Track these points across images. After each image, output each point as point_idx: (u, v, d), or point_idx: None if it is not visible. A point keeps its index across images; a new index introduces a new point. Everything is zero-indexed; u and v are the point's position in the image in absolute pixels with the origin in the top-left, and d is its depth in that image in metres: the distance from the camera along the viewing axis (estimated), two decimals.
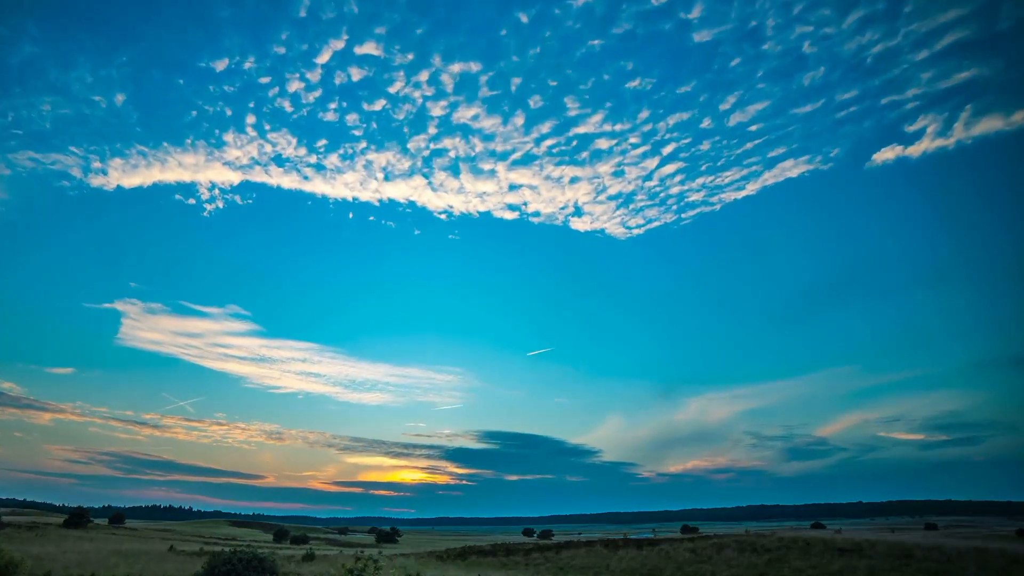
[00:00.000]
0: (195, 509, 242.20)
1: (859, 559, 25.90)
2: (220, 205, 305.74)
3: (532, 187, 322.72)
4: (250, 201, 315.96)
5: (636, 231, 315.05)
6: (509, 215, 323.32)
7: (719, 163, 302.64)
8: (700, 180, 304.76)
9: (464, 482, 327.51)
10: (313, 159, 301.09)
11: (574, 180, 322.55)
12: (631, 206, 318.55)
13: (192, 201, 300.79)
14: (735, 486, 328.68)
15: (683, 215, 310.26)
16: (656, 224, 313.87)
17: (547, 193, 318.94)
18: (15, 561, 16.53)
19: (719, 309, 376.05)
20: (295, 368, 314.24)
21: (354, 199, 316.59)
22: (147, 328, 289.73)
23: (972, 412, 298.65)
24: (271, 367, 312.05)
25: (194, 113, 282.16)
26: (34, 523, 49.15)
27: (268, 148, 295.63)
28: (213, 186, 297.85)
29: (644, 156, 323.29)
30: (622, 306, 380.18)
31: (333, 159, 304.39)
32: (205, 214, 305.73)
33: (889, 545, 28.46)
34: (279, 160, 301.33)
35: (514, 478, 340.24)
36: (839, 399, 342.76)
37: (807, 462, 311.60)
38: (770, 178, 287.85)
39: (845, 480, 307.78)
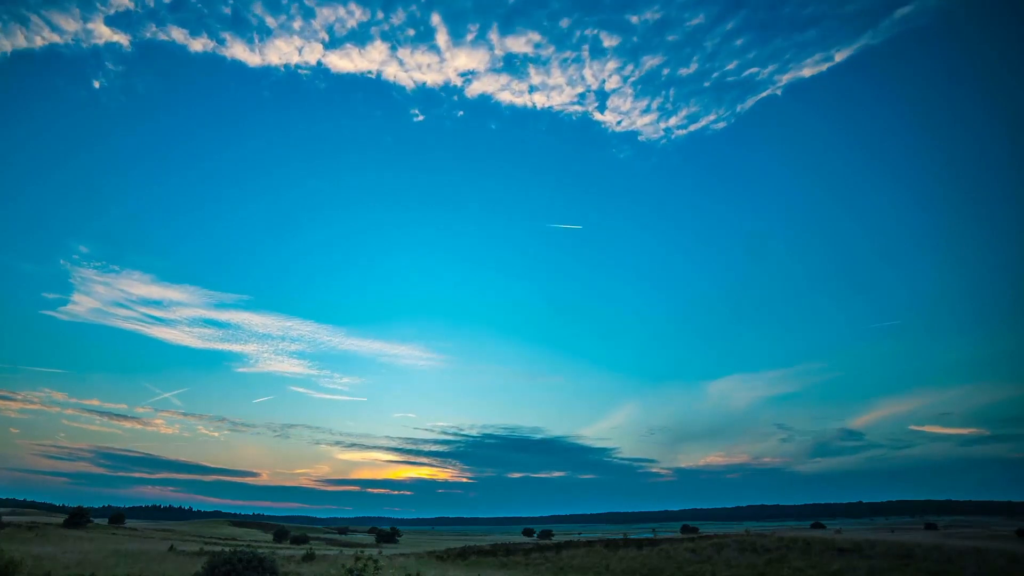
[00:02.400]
0: (195, 509, 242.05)
1: (859, 559, 25.90)
2: (123, 99, 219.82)
3: (541, 63, 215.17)
4: (148, 76, 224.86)
5: (678, 132, 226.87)
6: (507, 98, 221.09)
7: (805, 10, 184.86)
8: (772, 44, 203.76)
9: (464, 479, 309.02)
10: (227, 8, 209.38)
11: (598, 53, 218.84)
12: (670, 91, 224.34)
13: (83, 92, 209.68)
14: (749, 484, 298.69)
15: (739, 107, 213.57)
16: (701, 123, 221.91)
17: (560, 70, 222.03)
18: (15, 561, 16.54)
19: (754, 268, 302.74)
20: (272, 348, 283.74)
21: (289, 68, 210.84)
22: (96, 297, 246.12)
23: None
24: (244, 345, 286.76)
25: None
26: (34, 523, 49.12)
27: None
28: (99, 57, 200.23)
29: (694, 5, 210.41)
30: (641, 259, 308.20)
31: (256, 8, 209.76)
32: (101, 104, 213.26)
33: (889, 545, 28.48)
34: (179, 7, 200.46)
35: (517, 476, 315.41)
36: (877, 385, 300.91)
37: (831, 459, 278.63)
38: (871, 38, 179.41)
39: (866, 479, 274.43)
